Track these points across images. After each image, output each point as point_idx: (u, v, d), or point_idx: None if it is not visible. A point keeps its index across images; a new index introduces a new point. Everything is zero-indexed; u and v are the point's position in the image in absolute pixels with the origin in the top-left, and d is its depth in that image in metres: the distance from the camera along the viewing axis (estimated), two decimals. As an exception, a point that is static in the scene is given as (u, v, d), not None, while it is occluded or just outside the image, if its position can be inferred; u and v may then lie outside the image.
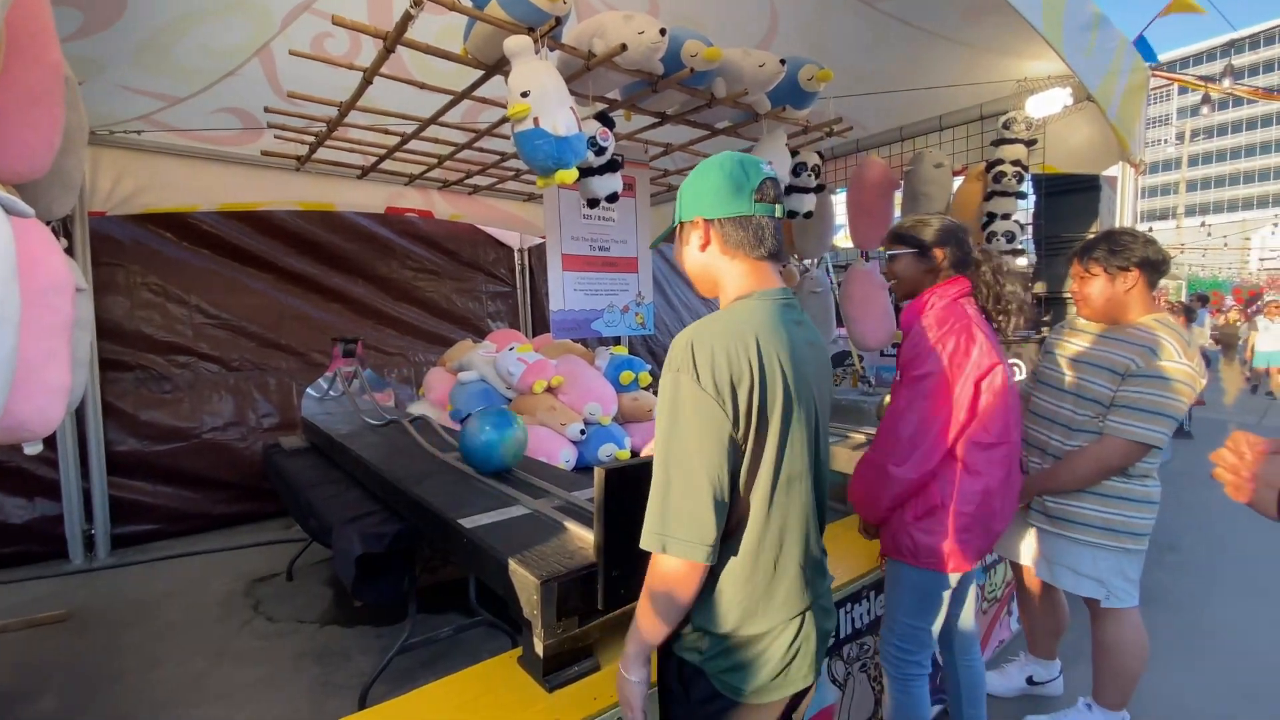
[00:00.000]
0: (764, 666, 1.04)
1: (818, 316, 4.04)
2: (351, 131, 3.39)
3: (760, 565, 1.03)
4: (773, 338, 1.00)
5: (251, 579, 3.31)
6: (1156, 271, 1.87)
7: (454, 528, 1.67)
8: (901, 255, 1.70)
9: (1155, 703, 2.36)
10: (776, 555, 1.04)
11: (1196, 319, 8.28)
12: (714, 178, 1.07)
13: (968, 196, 3.19)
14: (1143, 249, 1.85)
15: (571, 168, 1.92)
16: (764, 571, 1.03)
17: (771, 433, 0.99)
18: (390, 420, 3.01)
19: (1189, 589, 3.29)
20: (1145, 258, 1.84)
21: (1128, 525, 1.89)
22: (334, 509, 2.39)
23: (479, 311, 5.56)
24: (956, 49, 2.87)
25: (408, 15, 1.85)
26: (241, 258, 4.38)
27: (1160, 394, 1.76)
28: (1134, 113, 2.72)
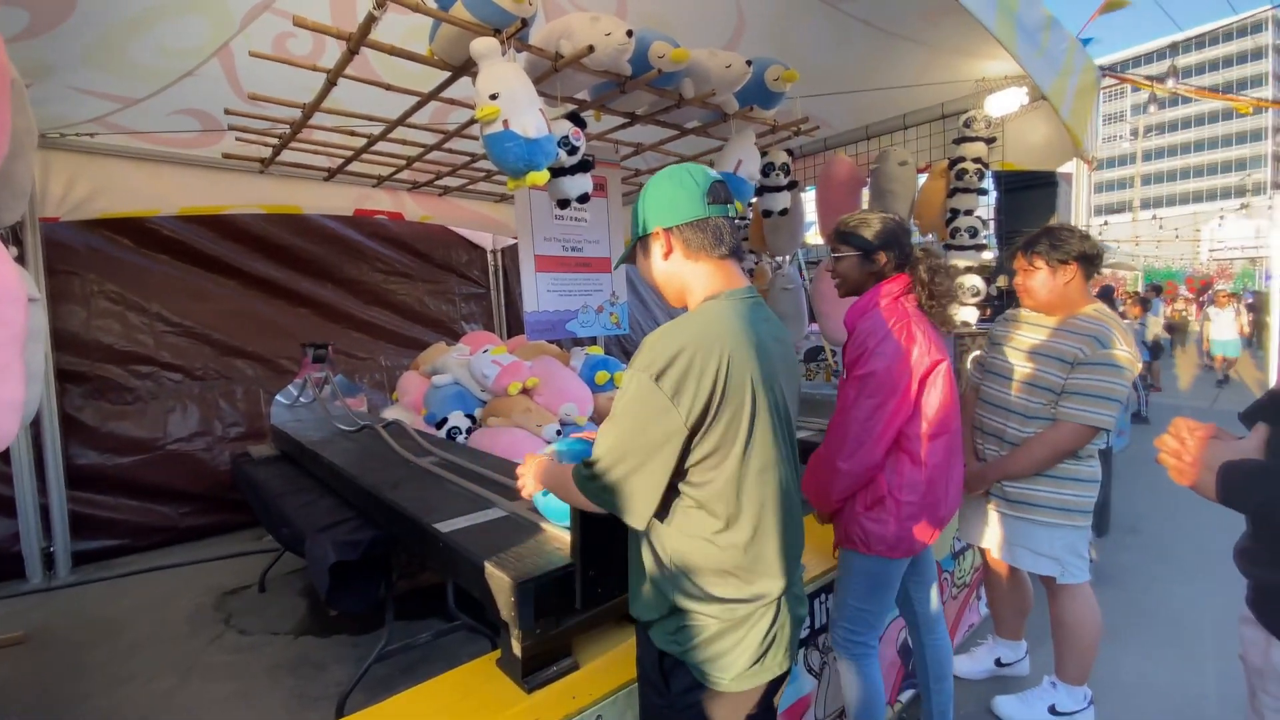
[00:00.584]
0: (743, 654, 1.07)
1: (790, 312, 4.10)
2: (317, 133, 3.33)
3: (735, 551, 1.06)
4: (740, 336, 1.04)
5: (222, 592, 3.24)
6: (1092, 265, 1.99)
7: (430, 533, 1.66)
8: (845, 256, 1.75)
9: (1116, 679, 2.45)
10: (750, 541, 1.07)
11: (1152, 308, 8.57)
12: (666, 188, 1.12)
13: (932, 193, 3.27)
14: (1080, 243, 1.96)
15: (542, 169, 1.92)
16: (739, 557, 1.06)
17: (739, 426, 1.03)
18: (363, 426, 2.97)
19: (1148, 570, 3.42)
20: (1082, 252, 1.96)
21: (1078, 504, 2.02)
22: (306, 517, 2.35)
23: (452, 314, 5.51)
24: (918, 49, 2.94)
25: (370, 17, 1.83)
26: (204, 263, 4.27)
27: (1108, 380, 1.87)
28: (1086, 111, 2.81)
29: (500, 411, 2.87)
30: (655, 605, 1.12)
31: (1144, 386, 7.42)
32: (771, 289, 4.14)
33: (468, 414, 2.94)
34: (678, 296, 1.19)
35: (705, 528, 1.06)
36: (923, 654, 1.96)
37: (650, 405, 1.00)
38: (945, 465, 1.68)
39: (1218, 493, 1.03)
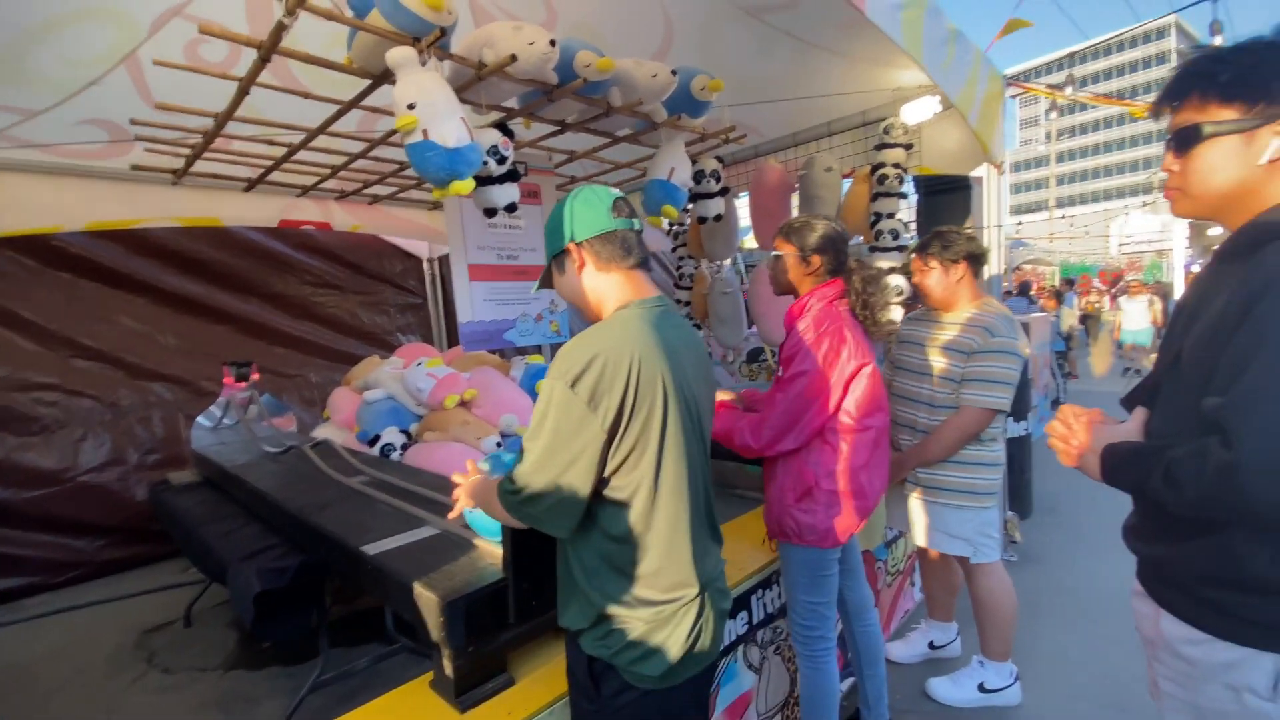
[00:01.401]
0: (670, 651, 1.11)
1: (729, 315, 4.18)
2: (235, 143, 3.19)
3: (656, 553, 1.10)
4: (650, 342, 1.08)
5: (144, 629, 3.04)
6: (979, 263, 2.19)
7: (358, 555, 1.61)
8: (784, 256, 1.82)
9: (1041, 653, 2.60)
10: (669, 541, 1.11)
11: (1066, 301, 9.14)
12: (573, 207, 1.18)
13: (857, 198, 3.39)
14: (967, 244, 2.16)
15: (466, 178, 1.90)
16: (660, 558, 1.10)
17: (652, 428, 1.07)
18: (290, 447, 2.85)
19: (1068, 548, 3.65)
20: (969, 251, 2.16)
21: (985, 487, 2.17)
22: (229, 546, 2.25)
23: (387, 325, 5.35)
24: (838, 60, 3.05)
25: (280, 25, 1.77)
26: (115, 281, 4.01)
27: (1000, 365, 2.06)
28: (993, 118, 2.98)
29: (437, 426, 2.81)
30: (583, 613, 1.14)
31: (1061, 374, 7.91)
32: (710, 293, 4.21)
33: (402, 430, 2.86)
34: (592, 310, 1.23)
35: (625, 532, 1.09)
36: (855, 642, 2.04)
37: (569, 413, 1.03)
38: (869, 458, 1.78)
39: (1101, 473, 1.11)
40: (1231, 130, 0.97)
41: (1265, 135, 0.95)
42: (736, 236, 4.22)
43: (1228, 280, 0.99)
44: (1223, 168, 0.99)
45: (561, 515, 1.07)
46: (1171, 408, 1.07)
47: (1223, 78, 0.97)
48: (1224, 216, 1.05)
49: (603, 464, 1.06)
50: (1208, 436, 0.92)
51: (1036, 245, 21.53)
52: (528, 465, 1.06)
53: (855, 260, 1.87)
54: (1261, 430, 0.85)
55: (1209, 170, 1.01)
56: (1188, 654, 1.06)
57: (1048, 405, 6.57)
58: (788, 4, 2.63)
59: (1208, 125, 0.99)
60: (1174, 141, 1.05)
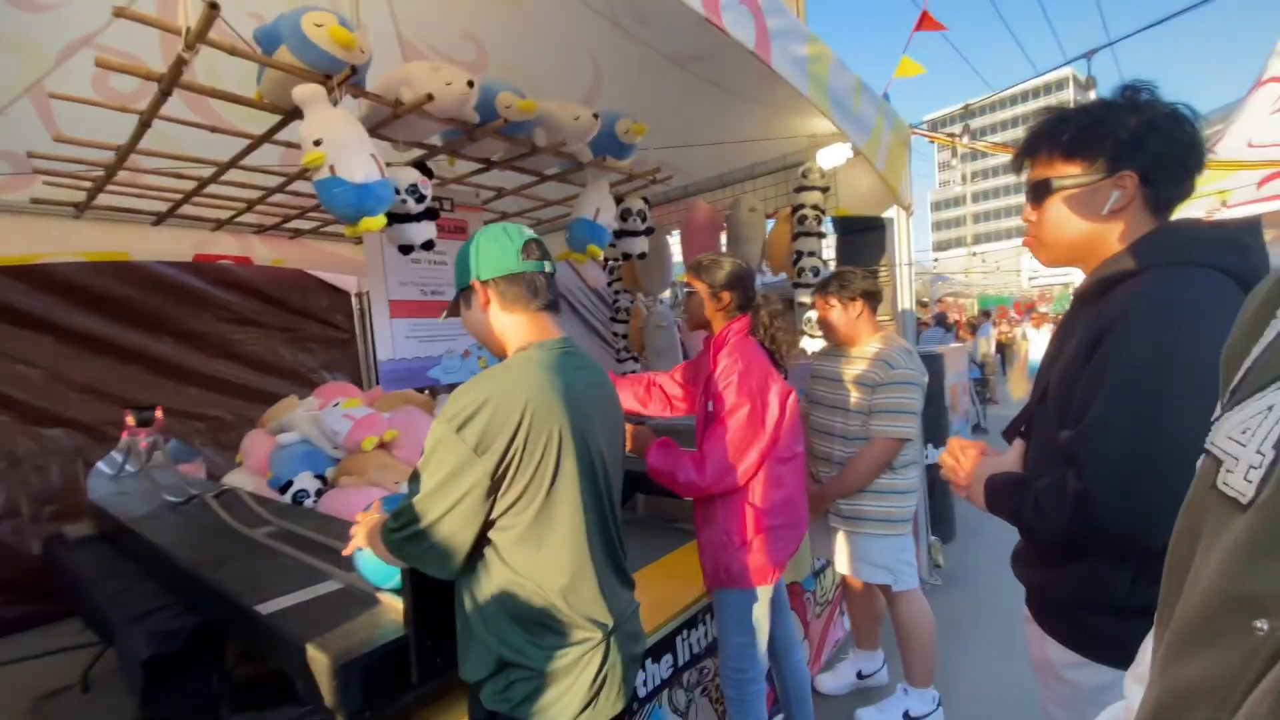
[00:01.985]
0: (573, 701, 1.08)
1: (664, 348, 4.23)
2: (144, 176, 3.04)
3: (551, 597, 1.08)
4: (546, 384, 1.08)
5: (37, 695, 2.76)
6: (875, 299, 2.32)
7: (250, 614, 1.50)
8: (695, 292, 1.87)
9: (963, 676, 2.66)
10: (566, 586, 1.09)
11: (981, 331, 9.69)
12: (481, 244, 1.18)
13: (780, 236, 3.53)
14: (862, 283, 2.28)
15: (376, 215, 1.86)
16: (556, 603, 1.08)
17: (544, 473, 1.06)
18: (192, 496, 2.66)
19: (991, 570, 3.78)
20: (865, 289, 2.28)
21: (900, 514, 2.25)
22: (120, 606, 2.06)
23: (310, 363, 5.12)
24: (758, 108, 3.20)
25: (180, 59, 1.72)
26: (15, 319, 3.70)
27: (902, 396, 2.16)
28: (900, 163, 3.18)
29: (354, 470, 2.69)
30: (481, 663, 1.10)
31: (981, 400, 8.33)
32: (646, 326, 4.26)
33: (318, 475, 2.72)
34: (497, 348, 1.22)
35: (517, 576, 1.07)
36: (782, 680, 2.04)
37: (453, 456, 1.02)
38: (799, 483, 1.84)
39: (985, 502, 1.16)
40: (1075, 185, 1.06)
41: (1106, 188, 1.04)
42: (670, 272, 4.31)
43: (1082, 321, 1.08)
44: (1071, 219, 1.08)
45: (441, 557, 1.06)
46: (1041, 440, 1.14)
47: (1065, 136, 1.07)
48: (1079, 262, 1.14)
49: (490, 508, 1.05)
50: (1066, 468, 0.98)
51: (955, 279, 22.99)
52: (411, 504, 1.05)
53: (762, 295, 1.94)
54: (1104, 459, 0.92)
55: (1060, 221, 1.10)
56: (1070, 677, 1.11)
57: (969, 430, 6.90)
58: (707, 54, 2.75)
59: (1055, 180, 1.08)
60: (1030, 194, 1.14)
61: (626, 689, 1.18)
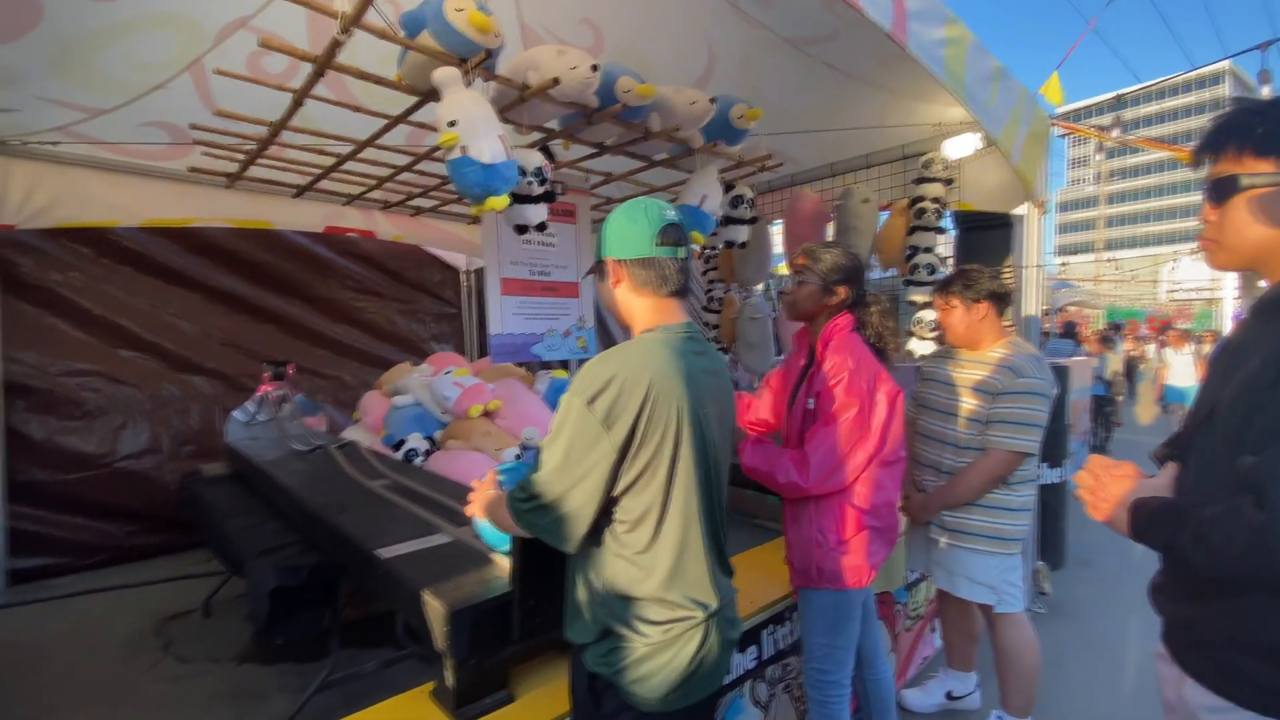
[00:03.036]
0: (671, 675, 1.09)
1: (757, 341, 4.15)
2: (288, 150, 3.33)
3: (662, 575, 1.10)
4: (669, 367, 1.09)
5: (163, 616, 3.11)
6: (1003, 302, 2.15)
7: (371, 558, 1.63)
8: (807, 282, 1.80)
9: (1064, 712, 2.47)
10: (675, 564, 1.10)
11: (1114, 347, 8.81)
12: (620, 223, 1.18)
13: (893, 230, 3.36)
14: (989, 283, 2.13)
15: (501, 195, 1.94)
16: (666, 581, 1.10)
17: (664, 452, 1.07)
18: (317, 446, 2.91)
19: (1101, 602, 3.48)
20: (992, 290, 2.12)
21: (1011, 532, 2.10)
22: (249, 540, 2.29)
23: (422, 333, 5.47)
24: (879, 93, 3.05)
25: (335, 41, 1.85)
26: (166, 276, 4.18)
27: (1027, 407, 2.00)
28: (1037, 157, 2.93)
29: (459, 434, 2.84)
30: (588, 629, 1.14)
31: (1106, 422, 7.62)
32: (739, 318, 4.20)
33: (427, 436, 2.91)
34: (623, 321, 1.26)
35: (632, 553, 1.10)
36: (865, 689, 1.97)
37: (584, 428, 1.04)
38: (898, 491, 1.76)
39: (1130, 529, 1.06)
40: (1267, 184, 0.94)
41: None
42: (769, 263, 4.22)
43: (1265, 335, 0.96)
44: (1258, 221, 0.96)
45: (566, 529, 1.08)
46: (1204, 464, 1.02)
47: (1259, 130, 0.95)
48: (1261, 269, 1.02)
49: (612, 483, 1.06)
50: (1240, 496, 0.88)
51: (1082, 287, 20.91)
52: (540, 476, 1.08)
53: (870, 294, 1.87)
54: None
55: (1244, 223, 0.98)
56: None
57: (1086, 452, 6.34)
58: (829, 36, 2.65)
59: (1244, 178, 0.96)
60: (1211, 192, 1.02)
61: (720, 670, 1.19)
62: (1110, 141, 6.73)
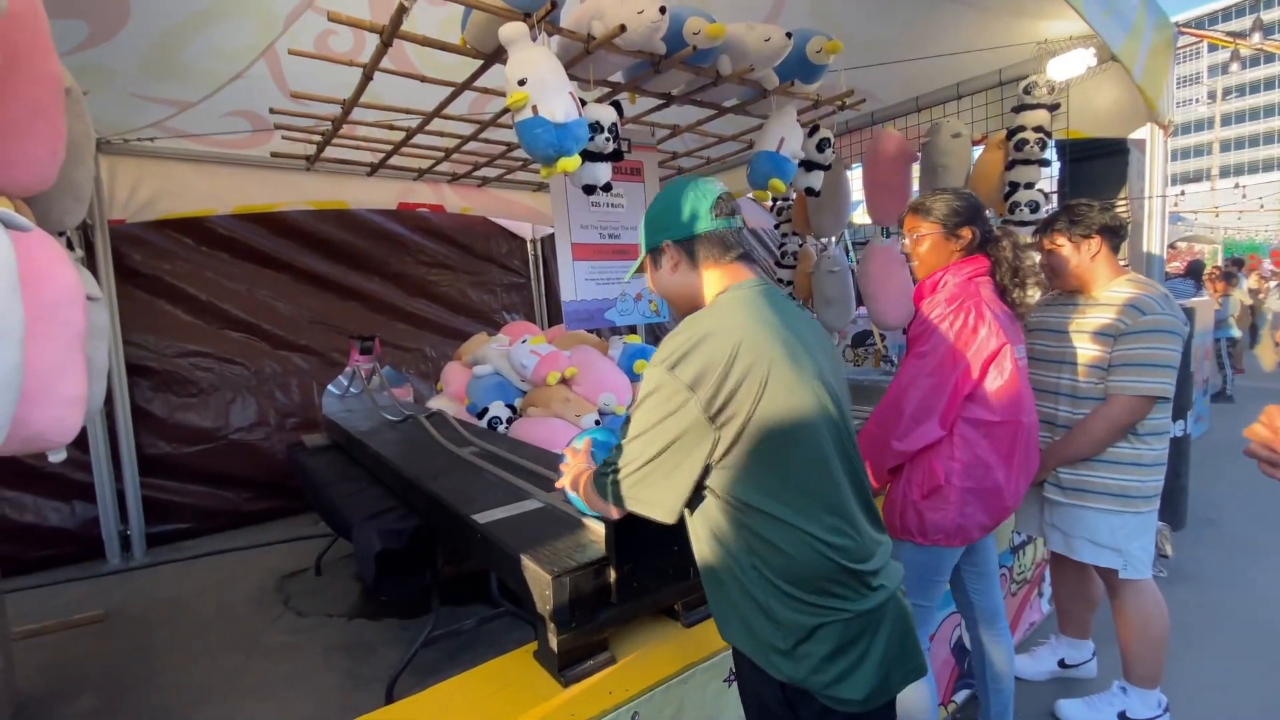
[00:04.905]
0: (868, 668, 0.99)
1: (836, 296, 3.96)
2: (359, 129, 3.39)
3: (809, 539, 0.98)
4: (758, 319, 1.03)
5: (281, 575, 3.38)
6: (1117, 236, 1.95)
7: (468, 523, 1.67)
8: (926, 235, 1.67)
9: (1194, 683, 2.29)
10: (840, 530, 1.00)
11: (1238, 283, 7.91)
12: (672, 204, 1.15)
13: (988, 166, 3.08)
14: (1100, 216, 1.93)
15: (573, 154, 1.88)
16: (816, 545, 0.98)
17: (770, 411, 0.98)
18: (407, 416, 3.03)
19: (1230, 566, 3.19)
20: (1104, 224, 1.92)
21: (1140, 490, 1.91)
22: (354, 506, 2.41)
23: (494, 304, 5.57)
24: (971, 12, 2.76)
25: (401, 8, 1.82)
26: (258, 259, 4.43)
27: (1155, 346, 1.80)
28: (1161, 72, 2.59)
29: (539, 401, 2.88)
30: (754, 631, 1.03)
31: (1230, 364, 6.93)
32: (816, 272, 4.01)
33: (508, 404, 2.96)
34: (687, 305, 1.18)
35: (766, 524, 0.99)
36: (981, 652, 1.88)
37: (669, 395, 0.99)
38: (1009, 453, 1.60)
39: None
40: None
41: None
42: (847, 211, 3.98)
43: None
44: None
45: (662, 498, 1.03)
46: None
47: None
48: None
49: (708, 450, 0.99)
50: None
51: (1196, 220, 18.77)
52: (627, 449, 1.04)
53: (999, 228, 1.71)
54: None
55: None
56: None
57: (1206, 401, 5.78)
58: (916, -48, 2.40)
59: None
60: None
61: (917, 655, 1.06)
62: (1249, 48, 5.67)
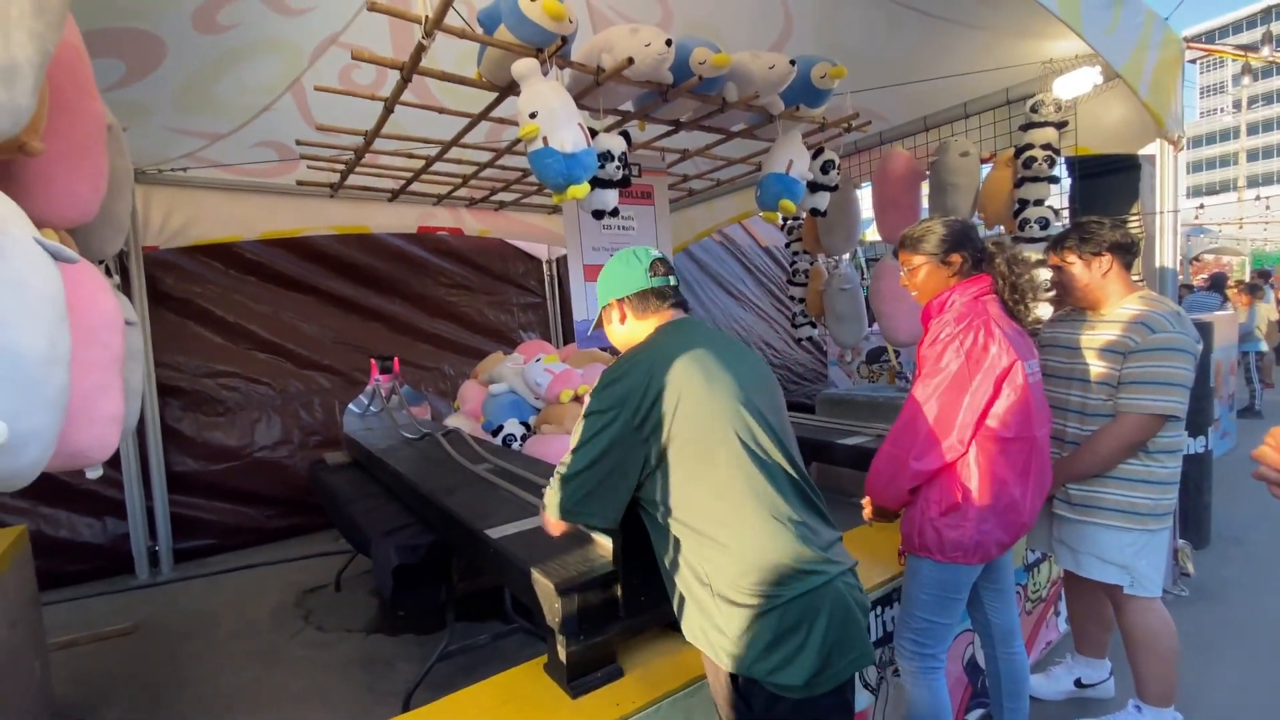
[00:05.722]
0: (808, 654, 1.06)
1: (848, 313, 3.99)
2: (381, 157, 3.52)
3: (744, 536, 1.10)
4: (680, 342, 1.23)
5: (302, 590, 3.45)
6: (1128, 253, 1.95)
7: (481, 538, 1.72)
8: (920, 266, 1.70)
9: (1212, 701, 2.24)
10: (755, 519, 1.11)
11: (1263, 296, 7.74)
12: (618, 269, 1.37)
13: (997, 184, 3.10)
14: (1111, 233, 1.92)
15: (582, 183, 1.95)
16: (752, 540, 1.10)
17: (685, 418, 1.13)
18: (425, 434, 3.10)
19: (1254, 584, 3.11)
20: (1115, 241, 1.92)
21: (1150, 507, 1.89)
22: (372, 522, 2.48)
23: (510, 323, 5.67)
24: (976, 34, 2.81)
25: (420, 46, 1.92)
26: (284, 283, 4.57)
27: (1165, 365, 1.80)
28: (1169, 88, 2.60)
29: (553, 419, 2.94)
30: (708, 628, 1.13)
31: (1259, 379, 6.77)
32: (828, 289, 4.05)
33: (523, 421, 3.03)
34: None
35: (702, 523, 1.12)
36: (996, 669, 1.87)
37: (601, 413, 1.16)
38: (1025, 469, 1.61)
39: None
40: None
41: None
42: (858, 230, 4.02)
43: None
44: None
45: (599, 507, 1.18)
46: None
47: None
48: None
49: (644, 461, 1.14)
50: None
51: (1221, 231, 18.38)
52: (569, 461, 1.19)
53: (992, 243, 1.73)
54: None
55: None
56: None
57: (1232, 417, 5.65)
58: (917, -21, 2.46)
59: None
60: None
61: (863, 643, 1.13)
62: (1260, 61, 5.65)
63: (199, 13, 2.35)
